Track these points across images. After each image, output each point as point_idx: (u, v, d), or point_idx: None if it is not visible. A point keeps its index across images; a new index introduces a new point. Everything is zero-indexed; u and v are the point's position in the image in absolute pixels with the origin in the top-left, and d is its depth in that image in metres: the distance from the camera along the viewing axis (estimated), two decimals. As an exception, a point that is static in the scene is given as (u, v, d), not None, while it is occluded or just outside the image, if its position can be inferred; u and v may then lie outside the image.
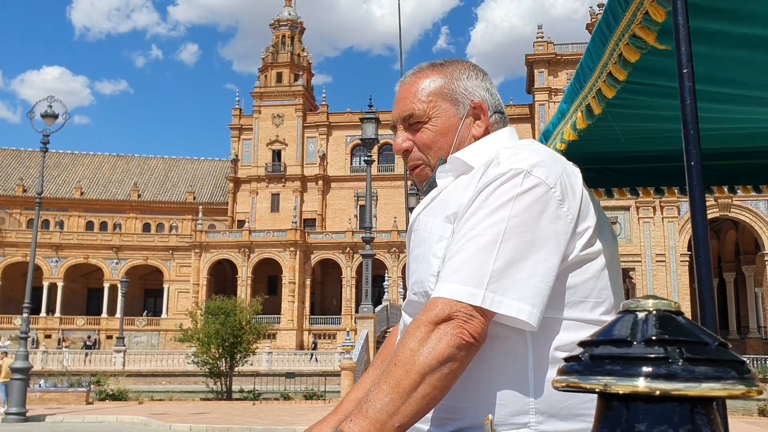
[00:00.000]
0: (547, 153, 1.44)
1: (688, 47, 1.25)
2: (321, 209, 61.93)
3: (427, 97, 1.56)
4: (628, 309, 0.66)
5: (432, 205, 1.51)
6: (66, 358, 36.72)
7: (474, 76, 1.59)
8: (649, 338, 0.61)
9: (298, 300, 53.72)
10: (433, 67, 1.60)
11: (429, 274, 1.42)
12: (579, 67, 1.99)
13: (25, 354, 18.27)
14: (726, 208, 41.74)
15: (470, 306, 1.26)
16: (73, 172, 67.55)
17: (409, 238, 1.56)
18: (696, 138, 1.22)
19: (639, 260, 44.49)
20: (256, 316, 28.60)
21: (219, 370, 26.59)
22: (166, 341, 52.67)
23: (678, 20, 1.26)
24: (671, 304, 0.65)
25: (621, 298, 1.46)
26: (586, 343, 0.65)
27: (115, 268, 56.54)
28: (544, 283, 1.29)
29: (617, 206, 42.76)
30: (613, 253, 1.47)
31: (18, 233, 56.83)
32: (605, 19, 1.65)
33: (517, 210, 1.31)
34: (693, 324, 0.64)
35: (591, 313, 1.38)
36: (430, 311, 1.27)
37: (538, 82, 55.31)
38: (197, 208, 60.20)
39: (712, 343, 0.62)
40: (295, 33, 65.76)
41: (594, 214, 1.42)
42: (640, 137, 2.56)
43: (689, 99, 1.23)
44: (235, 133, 64.24)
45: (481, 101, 1.57)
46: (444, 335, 1.24)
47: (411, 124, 1.58)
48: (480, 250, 1.29)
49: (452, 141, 1.55)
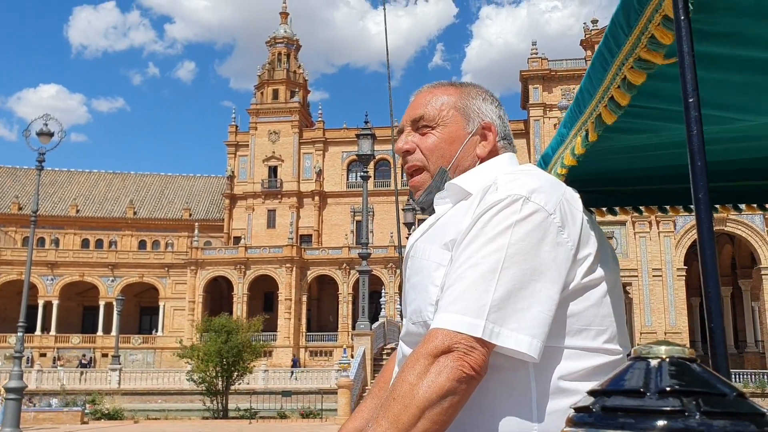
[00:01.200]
0: (546, 179, 1.42)
1: (694, 75, 1.23)
2: (317, 225, 61.91)
3: (441, 105, 1.58)
4: (639, 355, 0.64)
5: (430, 231, 1.49)
6: (61, 376, 36.46)
7: (489, 101, 1.62)
8: (664, 389, 0.58)
9: (294, 317, 53.53)
10: (452, 84, 1.65)
11: (427, 303, 1.39)
12: (578, 91, 1.97)
13: (19, 373, 18.10)
14: (722, 223, 41.82)
15: (470, 337, 1.23)
16: (69, 189, 67.50)
17: (406, 265, 1.53)
18: (703, 170, 1.19)
19: (636, 275, 44.50)
20: (254, 333, 28.53)
21: (215, 388, 26.45)
22: (162, 359, 52.37)
23: (683, 48, 1.23)
24: (685, 351, 0.63)
25: (624, 326, 1.44)
26: (596, 392, 0.62)
27: (110, 285, 56.32)
28: (545, 312, 1.27)
29: (613, 221, 42.79)
30: (616, 280, 1.45)
31: (13, 251, 56.63)
32: (606, 43, 1.63)
33: (516, 237, 1.28)
34: (709, 372, 0.60)
35: (593, 341, 1.35)
36: (430, 343, 1.24)
37: (532, 97, 55.59)
38: (193, 224, 60.09)
39: (731, 394, 0.58)
40: (291, 50, 66.08)
41: (595, 240, 1.39)
42: (642, 158, 2.54)
43: (696, 129, 1.19)
44: (232, 150, 64.32)
45: (491, 123, 1.58)
46: (444, 368, 1.21)
47: (419, 127, 1.59)
48: (479, 278, 1.26)
49: (456, 152, 1.55)
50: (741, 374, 37.03)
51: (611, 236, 44.44)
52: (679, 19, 1.22)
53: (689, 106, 1.20)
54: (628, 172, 2.83)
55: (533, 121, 54.99)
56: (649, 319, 43.55)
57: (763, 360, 43.09)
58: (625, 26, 1.47)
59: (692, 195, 1.21)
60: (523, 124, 58.53)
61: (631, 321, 43.99)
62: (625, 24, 1.47)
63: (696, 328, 46.02)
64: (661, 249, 44.75)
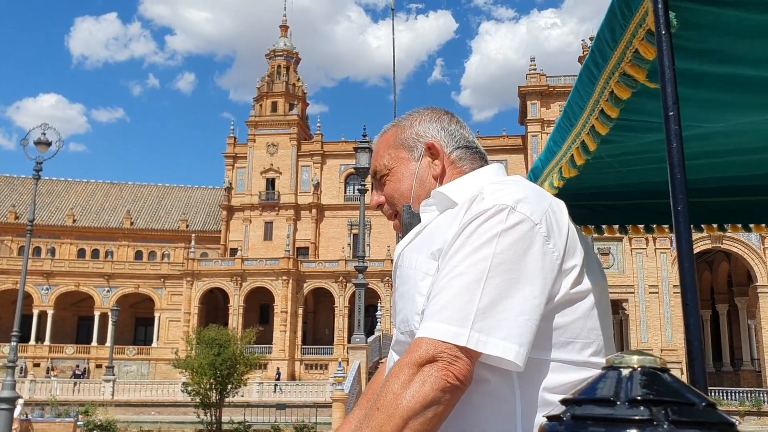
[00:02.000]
0: (532, 189, 1.42)
1: (674, 89, 1.24)
2: (314, 238, 61.86)
3: (386, 151, 1.64)
4: (612, 365, 0.64)
5: (416, 240, 1.49)
6: (54, 387, 36.25)
7: (428, 120, 1.63)
8: (634, 398, 0.58)
9: (290, 329, 53.36)
10: (393, 125, 1.69)
11: (414, 312, 1.39)
12: (567, 104, 1.99)
13: (12, 383, 18.01)
14: (718, 240, 41.86)
15: (455, 346, 1.22)
16: (66, 199, 67.44)
17: (395, 274, 1.54)
18: (682, 183, 1.20)
19: (632, 291, 44.45)
20: (248, 346, 28.40)
21: (209, 400, 26.29)
22: (156, 371, 52.14)
23: (663, 62, 1.24)
24: (656, 361, 0.63)
25: (611, 339, 1.43)
26: (568, 401, 0.63)
27: (106, 296, 56.14)
28: (531, 321, 1.26)
29: (610, 237, 42.77)
30: (603, 292, 1.44)
31: (9, 260, 56.47)
32: (593, 58, 1.64)
33: (502, 247, 1.28)
34: (680, 382, 0.61)
35: (579, 354, 1.34)
36: (414, 352, 1.24)
37: (530, 113, 55.80)
38: (190, 236, 60.02)
39: (699, 404, 0.59)
40: (291, 63, 66.33)
41: (581, 251, 1.39)
42: (630, 173, 2.55)
43: (676, 142, 1.21)
44: (230, 162, 64.38)
45: (432, 141, 1.60)
46: (428, 378, 1.20)
47: (378, 180, 1.66)
48: (464, 288, 1.26)
49: (411, 185, 1.59)
50: (737, 392, 36.92)
51: (608, 252, 44.44)
52: (660, 33, 1.23)
53: (669, 119, 1.21)
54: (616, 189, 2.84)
55: (531, 137, 55.14)
56: (645, 336, 43.47)
57: (759, 378, 42.98)
58: (611, 41, 1.49)
59: (671, 208, 1.22)
60: (521, 140, 58.73)
61: (627, 337, 43.90)
62: (611, 39, 1.48)
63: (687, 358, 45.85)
64: (657, 265, 44.76)
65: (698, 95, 1.63)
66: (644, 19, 1.33)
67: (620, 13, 1.42)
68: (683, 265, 1.17)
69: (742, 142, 2.04)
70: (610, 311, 1.51)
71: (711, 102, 1.72)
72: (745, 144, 2.06)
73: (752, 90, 1.61)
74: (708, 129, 1.84)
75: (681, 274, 1.19)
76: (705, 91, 1.63)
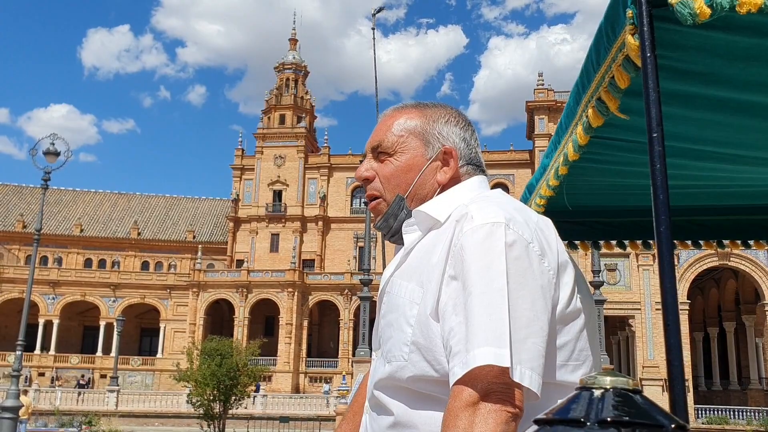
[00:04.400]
0: (515, 206, 1.37)
1: (658, 111, 1.24)
2: (320, 250, 61.85)
3: (400, 131, 1.53)
4: (585, 385, 0.65)
5: (404, 266, 1.44)
6: (58, 396, 36.24)
7: (453, 123, 1.55)
8: (604, 419, 0.59)
9: (294, 342, 53.24)
10: (416, 106, 1.58)
11: (402, 342, 1.34)
12: (559, 124, 1.99)
13: (16, 392, 18.02)
14: (725, 257, 41.62)
15: (500, 372, 1.17)
16: (74, 209, 67.67)
17: (381, 299, 1.48)
18: (665, 203, 1.20)
19: (639, 308, 44.19)
20: (252, 357, 28.31)
21: (213, 412, 26.20)
22: (161, 381, 52.05)
23: (648, 83, 1.25)
24: (629, 382, 0.63)
25: (599, 359, 1.41)
26: (540, 421, 0.64)
27: (112, 306, 56.18)
28: (539, 344, 1.22)
29: (617, 253, 42.63)
30: (591, 311, 1.41)
31: (16, 269, 56.61)
32: (581, 78, 1.64)
33: (510, 263, 1.24)
34: (651, 404, 0.61)
35: (571, 375, 1.31)
36: (462, 393, 1.18)
37: (538, 128, 55.82)
38: (196, 247, 60.11)
39: (669, 425, 0.59)
40: (299, 76, 66.63)
41: (572, 269, 1.36)
42: (624, 192, 2.55)
43: (659, 164, 1.21)
44: (237, 173, 64.56)
45: (452, 147, 1.51)
46: (489, 414, 1.15)
47: (378, 154, 1.55)
48: (488, 308, 1.20)
49: (413, 180, 1.50)
50: (744, 411, 36.56)
51: (614, 268, 44.25)
52: (645, 55, 1.23)
53: (653, 141, 1.21)
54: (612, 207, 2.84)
55: (538, 152, 55.10)
56: (652, 353, 43.17)
57: (767, 397, 42.59)
58: (595, 63, 1.48)
59: (654, 228, 1.21)
60: (528, 155, 58.69)
61: (634, 354, 43.61)
62: (596, 61, 1.48)
63: (699, 363, 45.57)
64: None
65: (687, 114, 1.62)
66: (624, 44, 1.32)
67: (605, 35, 1.41)
68: (665, 286, 1.18)
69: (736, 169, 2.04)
70: (597, 331, 1.50)
71: (703, 122, 1.72)
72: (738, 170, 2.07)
73: (742, 112, 1.61)
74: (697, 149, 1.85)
75: (663, 295, 1.19)
76: (695, 110, 1.62)
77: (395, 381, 1.36)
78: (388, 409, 1.37)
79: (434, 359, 1.30)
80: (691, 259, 43.16)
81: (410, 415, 1.33)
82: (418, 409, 1.33)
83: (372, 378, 1.47)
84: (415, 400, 1.34)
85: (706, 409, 37.83)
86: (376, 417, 1.42)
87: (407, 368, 1.33)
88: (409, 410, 1.34)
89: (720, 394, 43.95)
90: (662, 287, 1.19)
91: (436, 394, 1.30)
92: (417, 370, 1.32)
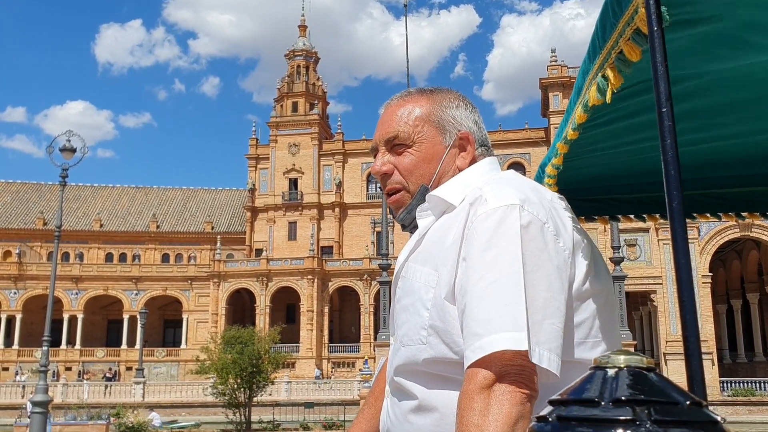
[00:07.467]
0: (529, 186, 1.36)
1: (667, 85, 1.22)
2: (338, 236, 62.00)
3: (414, 120, 1.50)
4: (599, 365, 0.65)
5: (419, 251, 1.44)
6: (85, 390, 36.78)
7: (463, 107, 1.54)
8: (618, 398, 0.59)
9: (316, 328, 53.57)
10: (422, 93, 1.55)
11: (419, 326, 1.35)
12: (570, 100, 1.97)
13: (44, 387, 18.30)
14: (747, 228, 41.18)
15: (515, 355, 1.18)
16: (93, 204, 68.30)
17: (396, 284, 1.49)
18: (677, 179, 1.19)
19: (660, 283, 43.91)
20: (274, 345, 28.50)
21: (237, 400, 26.44)
22: (185, 372, 52.65)
23: (656, 58, 1.23)
24: (642, 360, 0.63)
25: (618, 336, 1.40)
26: (555, 401, 0.64)
27: (134, 299, 56.80)
28: (556, 325, 1.22)
29: (637, 228, 42.31)
30: (609, 289, 1.40)
31: (38, 266, 57.35)
32: (588, 53, 1.62)
33: (525, 245, 1.23)
34: (666, 381, 0.61)
35: (591, 352, 1.31)
36: (476, 376, 1.18)
37: (552, 105, 55.36)
38: (215, 237, 60.53)
39: (684, 403, 0.59)
40: (310, 63, 66.50)
41: (588, 247, 1.35)
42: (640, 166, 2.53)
43: (669, 138, 1.19)
44: (252, 163, 64.74)
45: (468, 132, 1.51)
46: (504, 396, 1.15)
47: (393, 147, 1.52)
48: (504, 292, 1.20)
49: (435, 169, 1.48)
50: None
51: (634, 243, 43.96)
52: (652, 30, 1.21)
53: (662, 116, 1.19)
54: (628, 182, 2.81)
55: (554, 129, 54.71)
56: (675, 328, 42.92)
57: (792, 367, 42.25)
58: (601, 39, 1.46)
59: (666, 204, 1.20)
60: (544, 132, 58.31)
61: (657, 329, 43.42)
62: (602, 37, 1.45)
63: (723, 336, 45.26)
64: (685, 256, 44.16)
65: (692, 46, 1.54)
66: (633, 18, 1.30)
67: (611, 11, 1.39)
68: (679, 262, 1.17)
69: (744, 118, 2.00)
70: (617, 308, 1.48)
71: (713, 56, 1.64)
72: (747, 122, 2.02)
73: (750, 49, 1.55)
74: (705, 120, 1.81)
75: (677, 271, 1.18)
76: (701, 44, 1.53)
77: (413, 365, 1.37)
78: (411, 393, 1.38)
79: (452, 341, 1.30)
80: (712, 232, 42.80)
81: (432, 397, 1.34)
82: (439, 391, 1.34)
83: (391, 363, 1.48)
84: (435, 382, 1.34)
85: (731, 381, 37.63)
86: (397, 402, 1.43)
87: (425, 350, 1.34)
88: (430, 393, 1.35)
89: (745, 366, 43.67)
90: (676, 263, 1.18)
91: (455, 376, 1.30)
92: (435, 352, 1.32)
